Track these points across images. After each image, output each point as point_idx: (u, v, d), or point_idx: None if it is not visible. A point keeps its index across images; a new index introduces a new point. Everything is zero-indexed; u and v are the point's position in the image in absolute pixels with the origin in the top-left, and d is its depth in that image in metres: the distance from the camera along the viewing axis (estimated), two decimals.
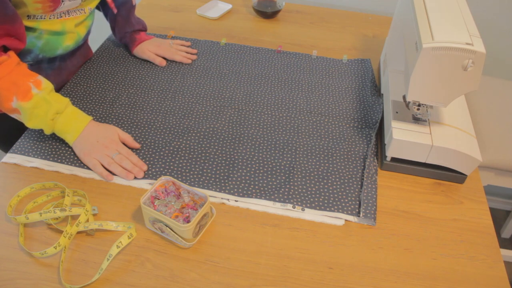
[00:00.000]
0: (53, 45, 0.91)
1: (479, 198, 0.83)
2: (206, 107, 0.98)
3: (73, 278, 0.67)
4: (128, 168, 0.82)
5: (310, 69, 1.12)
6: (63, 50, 0.95)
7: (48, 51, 0.92)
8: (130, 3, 1.09)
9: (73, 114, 0.84)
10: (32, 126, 0.82)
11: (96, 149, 0.83)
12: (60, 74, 1.02)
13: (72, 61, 1.04)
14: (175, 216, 0.71)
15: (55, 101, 0.81)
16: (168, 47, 1.11)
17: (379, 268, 0.71)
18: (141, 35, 1.11)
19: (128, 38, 1.11)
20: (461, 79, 0.74)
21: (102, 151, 0.83)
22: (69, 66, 1.03)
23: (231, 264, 0.70)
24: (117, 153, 0.83)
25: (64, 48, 0.94)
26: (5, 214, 0.76)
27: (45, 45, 0.90)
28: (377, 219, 0.78)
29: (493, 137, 1.24)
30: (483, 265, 0.73)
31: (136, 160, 0.84)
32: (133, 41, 1.10)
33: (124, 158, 0.83)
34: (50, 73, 0.98)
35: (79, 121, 0.84)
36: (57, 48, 0.93)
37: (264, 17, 1.32)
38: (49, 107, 0.80)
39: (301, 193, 0.81)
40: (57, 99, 0.82)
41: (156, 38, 1.14)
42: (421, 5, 0.81)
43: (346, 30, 1.29)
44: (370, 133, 0.94)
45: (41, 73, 0.95)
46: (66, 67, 1.02)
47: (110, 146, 0.84)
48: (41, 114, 0.80)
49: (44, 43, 0.89)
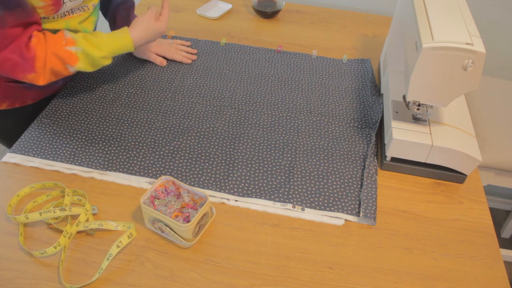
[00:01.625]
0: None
1: (479, 198, 0.83)
2: (206, 107, 0.98)
3: (73, 277, 0.67)
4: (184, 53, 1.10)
5: (310, 69, 1.12)
6: None
7: None
8: (130, 2, 1.08)
9: (111, 36, 0.89)
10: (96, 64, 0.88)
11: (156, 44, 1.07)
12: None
13: None
14: (175, 216, 0.71)
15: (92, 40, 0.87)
16: (168, 46, 1.11)
17: (379, 268, 0.71)
18: None
19: None
20: (461, 79, 0.74)
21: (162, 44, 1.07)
22: None
23: (231, 264, 0.70)
24: (172, 42, 1.07)
25: None
26: (5, 213, 0.76)
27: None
28: (377, 219, 0.78)
29: (493, 137, 1.24)
30: (483, 265, 0.73)
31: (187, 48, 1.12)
32: None
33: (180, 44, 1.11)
34: None
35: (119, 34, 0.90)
36: None
37: (264, 17, 1.32)
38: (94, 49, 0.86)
39: (301, 193, 0.81)
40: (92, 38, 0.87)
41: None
42: (421, 5, 0.81)
43: (346, 30, 1.29)
44: (370, 133, 0.94)
45: None
46: None
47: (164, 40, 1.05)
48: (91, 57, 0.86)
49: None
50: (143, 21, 0.94)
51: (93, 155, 0.86)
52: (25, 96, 0.96)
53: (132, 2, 1.10)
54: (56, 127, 0.91)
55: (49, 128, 0.91)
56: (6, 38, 0.78)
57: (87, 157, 0.85)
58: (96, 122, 0.93)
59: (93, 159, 0.85)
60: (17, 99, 0.95)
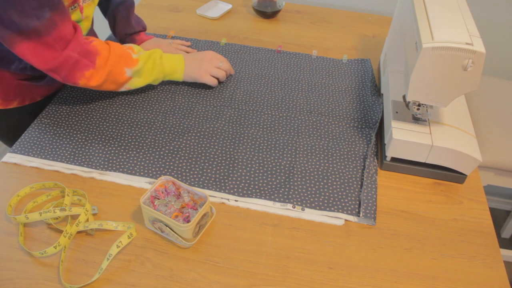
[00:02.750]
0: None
1: (479, 198, 0.83)
2: (206, 107, 0.98)
3: (73, 277, 0.67)
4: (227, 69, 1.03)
5: (310, 69, 1.12)
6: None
7: None
8: (130, 2, 1.08)
9: (168, 55, 0.96)
10: (148, 80, 0.93)
11: (207, 66, 0.99)
12: None
13: None
14: (175, 216, 0.71)
15: (153, 51, 0.93)
16: (168, 46, 1.11)
17: (379, 268, 0.71)
18: (141, 35, 1.11)
19: (128, 39, 1.11)
20: (461, 79, 0.74)
21: (212, 65, 1.00)
22: None
23: (231, 264, 0.70)
24: (221, 62, 1.01)
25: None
26: (5, 213, 0.76)
27: None
28: (377, 219, 0.78)
29: (493, 137, 1.24)
30: (483, 265, 0.73)
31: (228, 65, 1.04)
32: (133, 42, 1.10)
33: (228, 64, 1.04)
34: None
35: (176, 57, 0.97)
36: None
37: (264, 17, 1.32)
38: (154, 55, 0.92)
39: (301, 193, 0.81)
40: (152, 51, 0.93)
41: (155, 38, 1.13)
42: (421, 5, 0.81)
43: (346, 30, 1.29)
44: (370, 133, 0.94)
45: None
46: None
47: (213, 60, 1.01)
48: (150, 66, 0.92)
49: None
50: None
51: (93, 155, 0.86)
52: (35, 93, 0.97)
53: (132, 2, 1.10)
54: (56, 127, 0.91)
55: (49, 128, 0.91)
56: (61, 38, 0.78)
57: (87, 157, 0.85)
58: (96, 122, 0.93)
59: (93, 159, 0.85)
60: (27, 96, 0.96)
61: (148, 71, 0.92)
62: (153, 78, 0.94)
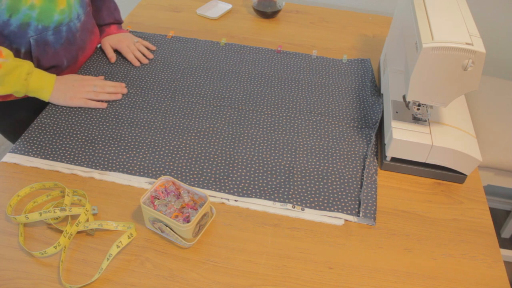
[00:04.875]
0: (48, 12, 0.91)
1: (479, 198, 0.83)
2: (206, 107, 0.98)
3: (73, 277, 0.67)
4: (112, 91, 0.97)
5: (310, 69, 1.12)
6: (59, 15, 0.93)
7: (45, 20, 0.91)
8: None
9: (40, 73, 0.92)
10: (5, 91, 0.88)
11: (78, 90, 0.94)
12: (70, 50, 1.01)
13: (80, 36, 1.03)
14: (175, 216, 0.71)
15: (23, 63, 0.88)
16: (129, 44, 1.11)
17: (379, 268, 0.71)
18: (111, 28, 1.12)
19: (100, 30, 1.13)
20: (461, 79, 0.74)
21: (83, 88, 0.95)
22: (78, 41, 1.03)
23: (231, 264, 0.70)
24: (95, 86, 0.96)
25: (59, 12, 0.93)
26: (5, 213, 0.76)
27: (40, 14, 0.90)
28: (377, 219, 0.78)
29: (493, 137, 1.24)
30: (483, 265, 0.73)
31: (113, 83, 0.98)
32: (102, 33, 1.13)
33: (104, 86, 0.97)
34: (59, 49, 0.98)
35: (48, 77, 0.93)
36: (53, 14, 0.92)
37: (264, 17, 1.32)
38: (21, 69, 0.87)
39: (301, 193, 0.81)
40: (24, 62, 0.89)
41: (123, 34, 1.14)
42: (421, 5, 0.81)
43: (346, 30, 1.29)
44: (370, 133, 0.94)
45: (49, 49, 0.96)
46: (75, 42, 1.02)
47: (86, 83, 0.96)
48: (14, 77, 0.87)
49: (38, 12, 0.89)
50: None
51: (93, 155, 0.86)
52: None
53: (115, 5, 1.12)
54: (56, 127, 0.91)
55: (49, 128, 0.91)
56: None
57: (87, 157, 0.85)
58: (96, 122, 0.93)
59: (93, 159, 0.85)
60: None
61: (10, 82, 0.87)
62: (13, 89, 0.89)
